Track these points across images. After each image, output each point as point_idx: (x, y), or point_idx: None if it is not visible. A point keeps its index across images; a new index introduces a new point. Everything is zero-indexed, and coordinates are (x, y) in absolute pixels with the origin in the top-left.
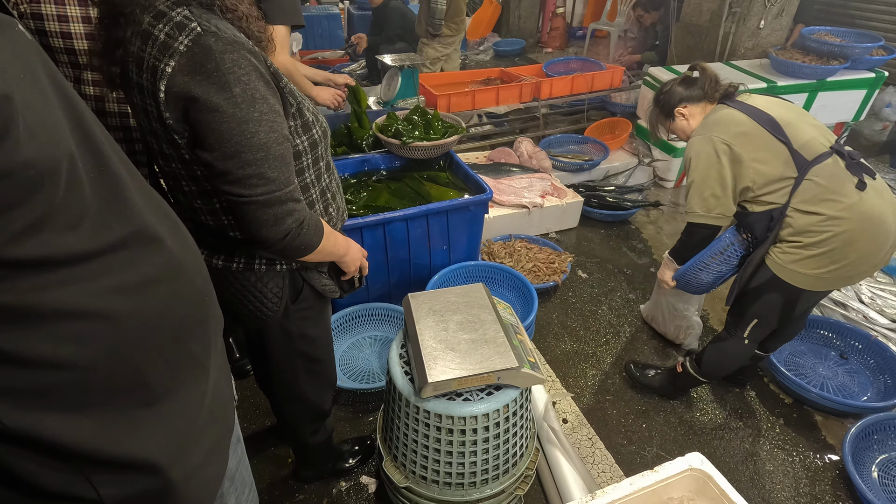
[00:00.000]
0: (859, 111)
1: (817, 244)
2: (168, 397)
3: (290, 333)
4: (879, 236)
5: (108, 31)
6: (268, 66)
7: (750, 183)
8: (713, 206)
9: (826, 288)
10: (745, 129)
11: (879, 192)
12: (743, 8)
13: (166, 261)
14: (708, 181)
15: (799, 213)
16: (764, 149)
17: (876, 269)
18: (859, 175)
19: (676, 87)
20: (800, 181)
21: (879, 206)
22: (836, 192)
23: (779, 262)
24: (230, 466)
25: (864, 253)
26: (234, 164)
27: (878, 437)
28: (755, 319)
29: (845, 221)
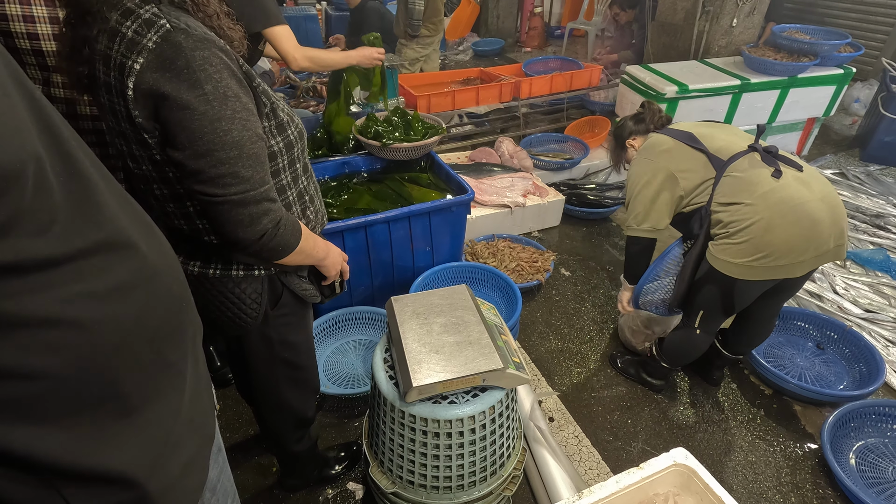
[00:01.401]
0: (829, 106)
1: (740, 233)
2: (144, 407)
3: (270, 340)
4: (801, 222)
5: (74, 30)
6: (240, 65)
7: (682, 192)
8: (642, 220)
9: (758, 277)
10: (667, 147)
11: (804, 181)
12: (716, 7)
13: (140, 266)
14: (639, 198)
15: (721, 206)
16: (686, 160)
17: (821, 258)
18: (774, 165)
19: (628, 122)
20: (719, 178)
21: (800, 192)
22: (751, 181)
23: (713, 253)
24: (211, 477)
25: (789, 241)
26: (206, 162)
27: (854, 424)
28: (701, 310)
29: (761, 208)
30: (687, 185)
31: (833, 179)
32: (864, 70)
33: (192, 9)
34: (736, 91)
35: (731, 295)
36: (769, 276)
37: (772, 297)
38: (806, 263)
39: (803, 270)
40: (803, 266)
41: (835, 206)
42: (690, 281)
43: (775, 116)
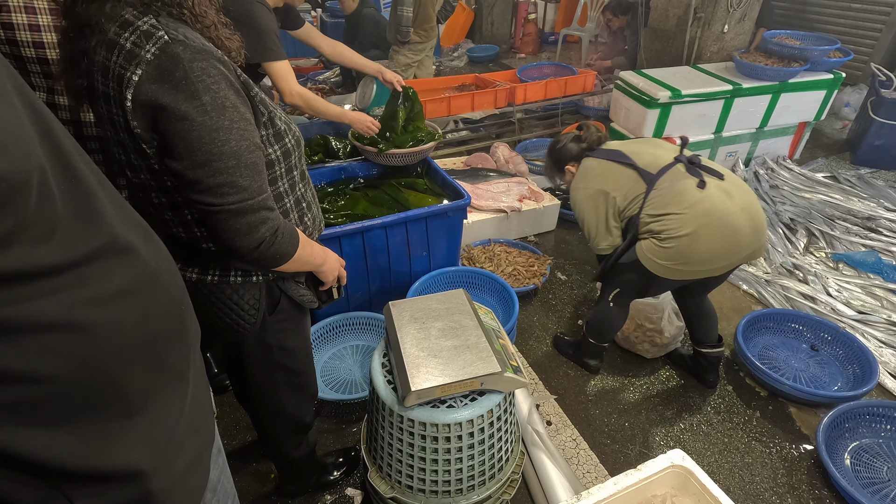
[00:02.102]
0: (820, 111)
1: (668, 240)
2: (147, 409)
3: (268, 346)
4: (723, 234)
5: (73, 42)
6: (237, 74)
7: (621, 206)
8: (601, 241)
9: (680, 278)
10: (598, 171)
11: (727, 191)
12: (707, 13)
13: (141, 271)
14: (590, 224)
15: (651, 217)
16: (617, 178)
17: (743, 258)
18: (699, 176)
19: (568, 144)
20: (649, 192)
21: (723, 204)
22: (678, 193)
23: (642, 248)
24: (212, 478)
25: (710, 251)
26: (204, 172)
27: (849, 425)
28: (617, 288)
29: (688, 219)
30: (621, 200)
31: (825, 182)
32: (853, 75)
33: (190, 20)
34: (728, 96)
35: (649, 285)
36: (687, 277)
37: (694, 292)
38: (722, 268)
39: (718, 273)
40: (719, 269)
41: (754, 215)
42: (615, 261)
43: (767, 121)
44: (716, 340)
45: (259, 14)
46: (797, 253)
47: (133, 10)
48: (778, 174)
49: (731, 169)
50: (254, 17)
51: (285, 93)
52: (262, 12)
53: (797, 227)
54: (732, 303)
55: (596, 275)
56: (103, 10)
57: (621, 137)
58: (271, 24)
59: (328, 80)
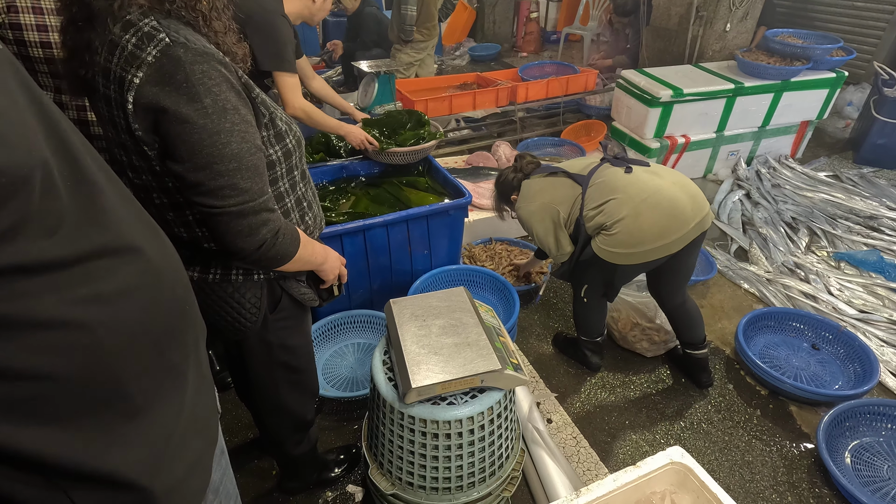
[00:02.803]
0: (822, 110)
1: (613, 225)
2: (149, 408)
3: (269, 344)
4: (661, 205)
5: (80, 32)
6: (239, 76)
7: (565, 215)
8: (557, 250)
9: (639, 261)
10: (537, 188)
11: (654, 172)
12: (709, 12)
13: (145, 269)
14: (542, 238)
15: (593, 210)
16: (555, 189)
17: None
18: (624, 165)
19: (508, 174)
20: (585, 191)
21: (653, 181)
22: (609, 181)
23: (596, 243)
24: (214, 479)
25: (656, 224)
26: (205, 175)
27: (849, 424)
28: (586, 284)
29: (624, 199)
30: (564, 208)
31: (827, 181)
32: (856, 74)
33: (201, 23)
34: (730, 95)
35: (612, 275)
36: (645, 260)
37: (668, 284)
38: (677, 242)
39: (677, 248)
40: (675, 244)
41: (686, 185)
42: (577, 260)
43: (769, 120)
44: (701, 341)
45: (281, 25)
46: (799, 252)
47: (139, 9)
48: (780, 173)
49: (733, 168)
50: (276, 28)
51: (289, 105)
52: (284, 24)
53: (799, 227)
54: (733, 302)
55: (557, 274)
56: (112, 6)
57: (623, 136)
58: (290, 37)
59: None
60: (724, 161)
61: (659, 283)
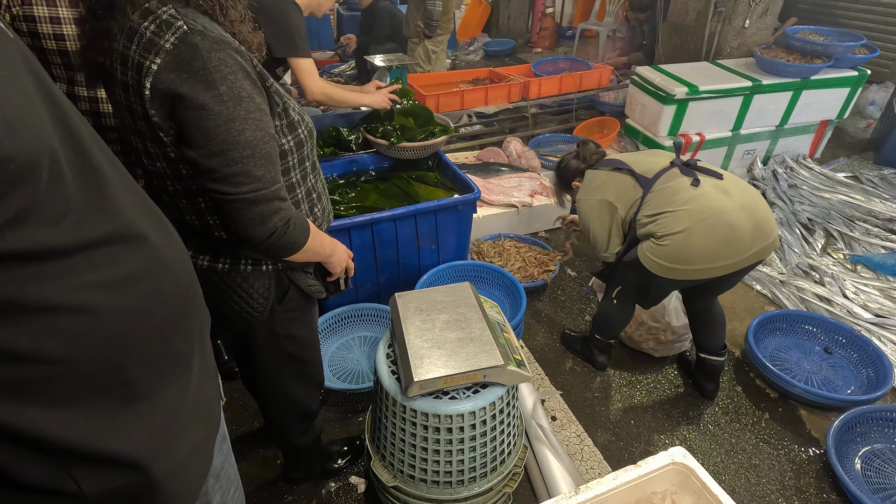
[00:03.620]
0: (843, 109)
1: (664, 238)
2: (151, 393)
3: (276, 334)
4: (719, 227)
5: (99, 20)
6: (254, 65)
7: (623, 214)
8: (606, 248)
9: (679, 278)
10: (601, 181)
11: (724, 189)
12: (728, 7)
13: (150, 257)
14: (596, 232)
15: (648, 217)
16: (617, 186)
17: (749, 258)
18: (692, 175)
19: (570, 161)
20: (645, 195)
21: (718, 201)
22: (672, 192)
23: (642, 248)
24: (215, 464)
25: (706, 247)
26: (220, 161)
27: (860, 429)
28: (620, 286)
29: (681, 216)
30: (623, 207)
31: (846, 182)
32: (879, 72)
33: (218, 12)
34: (747, 93)
35: (649, 285)
36: (686, 278)
37: (702, 293)
38: (725, 268)
39: (722, 273)
40: (722, 270)
41: (755, 211)
42: (619, 261)
43: (787, 118)
44: (720, 348)
45: (292, 12)
46: (814, 254)
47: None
48: (797, 173)
49: (749, 167)
50: (287, 15)
51: (308, 89)
52: (295, 11)
53: (815, 228)
54: (745, 303)
55: (596, 273)
56: None
57: (637, 134)
58: (301, 23)
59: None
60: (739, 160)
61: (692, 289)
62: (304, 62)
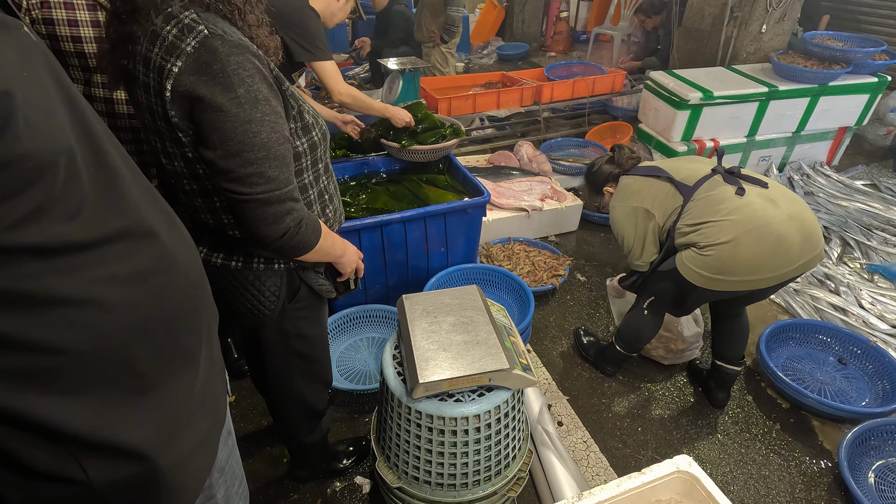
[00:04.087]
0: (862, 115)
1: (707, 248)
2: (158, 386)
3: (286, 333)
4: (765, 240)
5: (123, 24)
6: (271, 69)
7: (659, 222)
8: (639, 256)
9: (721, 289)
10: (637, 187)
11: (771, 199)
12: (745, 12)
13: (160, 254)
14: (629, 240)
15: (689, 227)
16: (655, 193)
17: (795, 269)
18: (737, 184)
19: (603, 166)
20: (686, 203)
21: (765, 211)
22: (715, 201)
23: (681, 258)
24: (220, 458)
25: (753, 259)
26: (235, 162)
27: (875, 442)
28: (653, 296)
29: (726, 226)
30: (661, 216)
31: (864, 190)
32: None
33: (237, 17)
34: (763, 98)
35: (686, 296)
36: (729, 289)
37: (733, 303)
38: (771, 280)
39: (767, 284)
40: (768, 281)
41: (804, 221)
42: (654, 270)
43: (804, 125)
44: (739, 358)
45: (310, 17)
46: (830, 262)
47: (180, 2)
48: (814, 181)
49: (764, 173)
50: (307, 21)
51: (334, 92)
52: (313, 17)
53: (831, 236)
54: (757, 311)
55: (625, 283)
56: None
57: (650, 139)
58: (321, 28)
59: (357, 76)
60: (754, 167)
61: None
62: (327, 65)
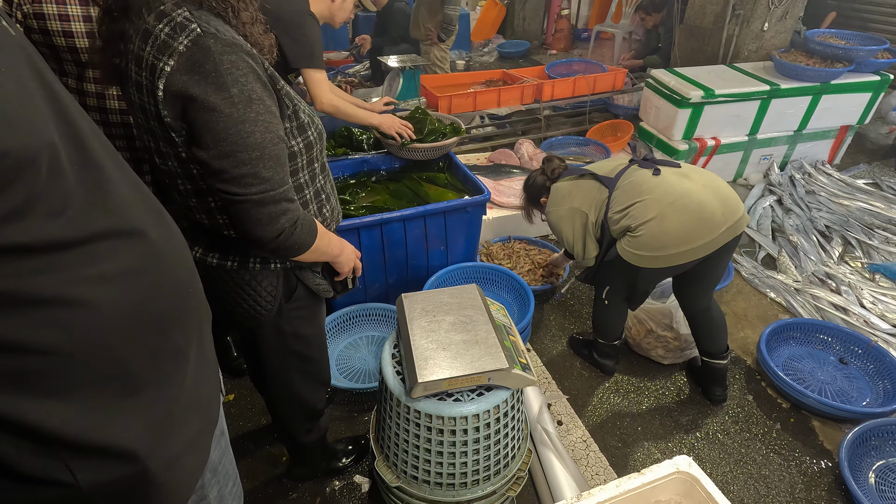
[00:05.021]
0: (864, 114)
1: (638, 227)
2: (148, 386)
3: (283, 332)
4: (688, 209)
5: (115, 22)
6: (265, 68)
7: (593, 218)
8: (584, 254)
9: (663, 265)
10: (566, 191)
11: (684, 174)
12: (747, 10)
13: (148, 252)
14: (570, 241)
15: (617, 214)
16: (583, 192)
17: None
18: (651, 167)
19: (537, 178)
20: (611, 194)
21: (681, 183)
22: (636, 183)
23: (621, 244)
24: (212, 458)
25: (682, 228)
26: (229, 162)
27: (875, 442)
28: (607, 286)
29: (650, 202)
30: (592, 211)
31: (866, 189)
32: None
33: (230, 15)
34: (765, 97)
35: (635, 278)
36: (668, 264)
37: (692, 289)
38: (703, 248)
39: (704, 252)
40: (701, 250)
41: (718, 188)
42: (600, 262)
43: (806, 123)
44: (721, 351)
45: (309, 24)
46: (831, 262)
47: (172, 0)
48: (815, 179)
49: (765, 172)
50: (304, 27)
51: (319, 101)
52: (312, 24)
53: (832, 235)
54: (758, 311)
55: (581, 277)
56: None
57: (651, 137)
58: (317, 36)
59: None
60: (755, 165)
61: (683, 287)
62: (317, 74)
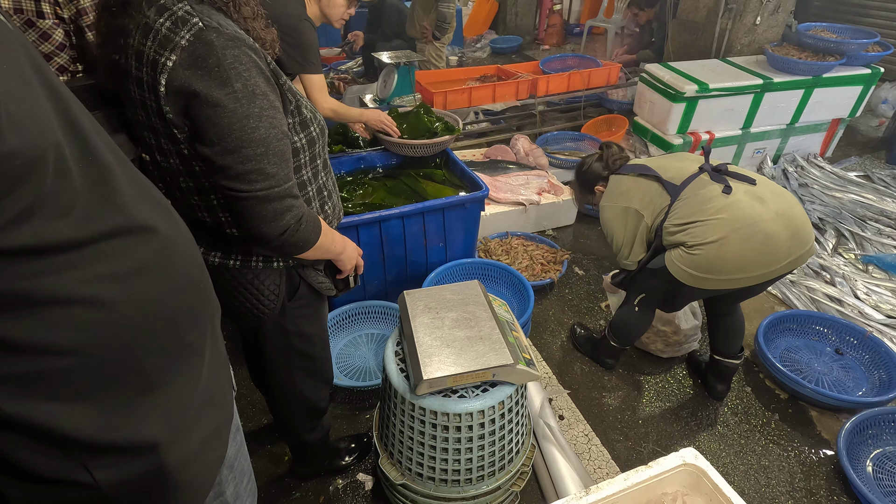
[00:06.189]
0: (855, 107)
1: (695, 248)
2: (164, 384)
3: (286, 331)
4: (753, 239)
5: (114, 17)
6: (268, 63)
7: (649, 222)
8: (628, 255)
9: (710, 287)
10: (625, 187)
11: (758, 196)
12: (739, 4)
13: (159, 248)
14: (618, 240)
15: (676, 227)
16: (643, 193)
17: (785, 266)
18: (724, 182)
19: (593, 164)
20: (673, 203)
21: (752, 209)
22: (702, 200)
23: (671, 257)
24: (229, 454)
25: (741, 257)
26: (234, 159)
27: (872, 431)
28: (643, 294)
29: (713, 225)
30: (649, 216)
31: (858, 182)
32: (893, 70)
33: (231, 9)
34: (758, 91)
35: (676, 293)
36: (718, 287)
37: (727, 300)
38: (759, 277)
39: (756, 282)
40: (757, 279)
41: (792, 218)
42: (643, 267)
43: (798, 117)
44: (737, 351)
45: (306, 30)
46: (825, 254)
47: None
48: (808, 172)
49: (759, 166)
50: (301, 32)
51: (319, 106)
52: (308, 29)
53: (826, 228)
54: (754, 303)
55: (616, 281)
56: None
57: (645, 132)
58: (314, 41)
59: (351, 70)
60: (749, 159)
61: (713, 296)
62: (315, 79)
